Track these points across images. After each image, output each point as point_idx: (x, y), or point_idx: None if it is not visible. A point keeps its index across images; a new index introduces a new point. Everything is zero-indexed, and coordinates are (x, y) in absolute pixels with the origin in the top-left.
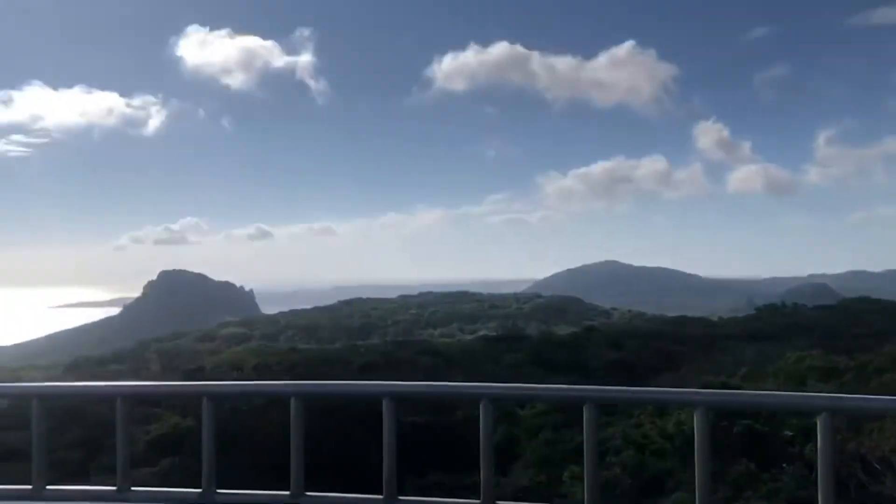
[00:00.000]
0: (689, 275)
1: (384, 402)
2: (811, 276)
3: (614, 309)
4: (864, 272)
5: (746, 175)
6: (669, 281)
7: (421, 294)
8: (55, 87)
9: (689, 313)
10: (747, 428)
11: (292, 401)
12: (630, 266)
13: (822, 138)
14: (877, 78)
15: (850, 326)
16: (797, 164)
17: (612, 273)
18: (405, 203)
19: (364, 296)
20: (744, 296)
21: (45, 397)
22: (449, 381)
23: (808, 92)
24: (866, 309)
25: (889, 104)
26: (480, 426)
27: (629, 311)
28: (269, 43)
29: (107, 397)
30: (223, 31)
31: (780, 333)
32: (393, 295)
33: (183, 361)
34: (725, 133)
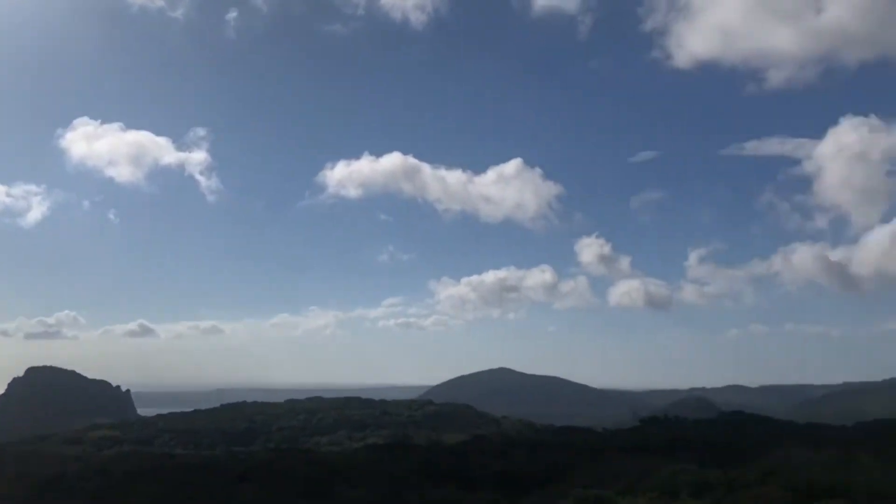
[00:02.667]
0: (579, 384)
1: None
2: (693, 389)
3: (504, 417)
4: (740, 387)
5: (628, 289)
6: (559, 390)
7: (310, 399)
8: None
9: (578, 423)
10: None
11: None
12: (522, 374)
13: (694, 258)
14: (743, 205)
15: (726, 440)
16: (674, 281)
17: (504, 381)
18: (297, 304)
19: (250, 399)
20: (630, 406)
21: None
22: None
23: (683, 214)
24: (742, 423)
25: (753, 229)
26: None
27: (519, 419)
28: (162, 139)
29: None
30: (115, 125)
31: (662, 446)
32: (281, 399)
33: (43, 466)
34: (607, 249)
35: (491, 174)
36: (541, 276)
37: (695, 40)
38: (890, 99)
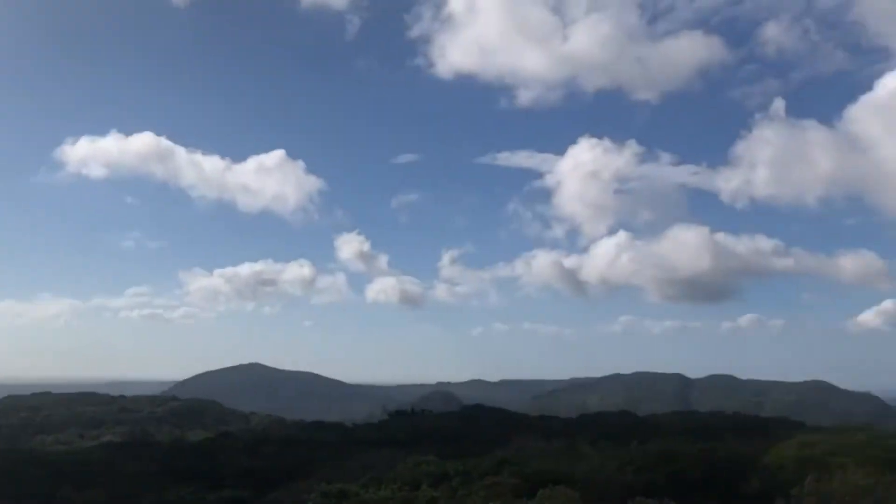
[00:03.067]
0: (332, 380)
1: None
2: (439, 383)
3: (253, 413)
4: (482, 381)
5: (383, 286)
6: (313, 385)
7: (35, 395)
8: None
9: (329, 418)
10: None
11: None
12: (275, 369)
13: (447, 259)
14: (493, 211)
15: (467, 432)
16: (428, 280)
17: (256, 376)
18: (25, 290)
19: None
20: (380, 401)
21: None
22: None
23: (438, 216)
24: (482, 416)
25: (501, 235)
26: None
27: (269, 415)
28: None
29: None
30: None
31: (407, 439)
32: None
33: None
34: (367, 246)
35: (251, 163)
36: (299, 270)
37: (455, 52)
38: (621, 125)
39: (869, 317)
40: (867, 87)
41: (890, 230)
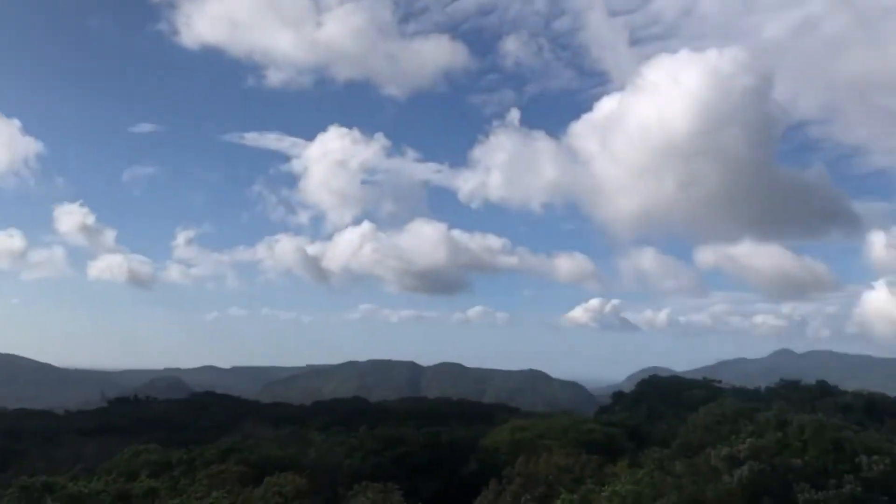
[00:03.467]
0: (41, 363)
1: None
2: (167, 369)
3: None
4: (214, 367)
5: (109, 264)
6: (18, 369)
7: None
8: None
9: (37, 406)
10: None
11: None
12: None
13: (182, 238)
14: (236, 192)
15: (195, 420)
16: (160, 260)
17: None
18: None
19: None
20: (100, 387)
21: None
22: None
23: (175, 193)
24: (211, 402)
25: (243, 217)
26: None
27: None
28: None
29: None
30: None
31: (129, 427)
32: None
33: None
34: (91, 219)
35: None
36: (7, 241)
37: (202, 23)
38: (370, 117)
39: (578, 313)
40: (588, 106)
41: (599, 236)
